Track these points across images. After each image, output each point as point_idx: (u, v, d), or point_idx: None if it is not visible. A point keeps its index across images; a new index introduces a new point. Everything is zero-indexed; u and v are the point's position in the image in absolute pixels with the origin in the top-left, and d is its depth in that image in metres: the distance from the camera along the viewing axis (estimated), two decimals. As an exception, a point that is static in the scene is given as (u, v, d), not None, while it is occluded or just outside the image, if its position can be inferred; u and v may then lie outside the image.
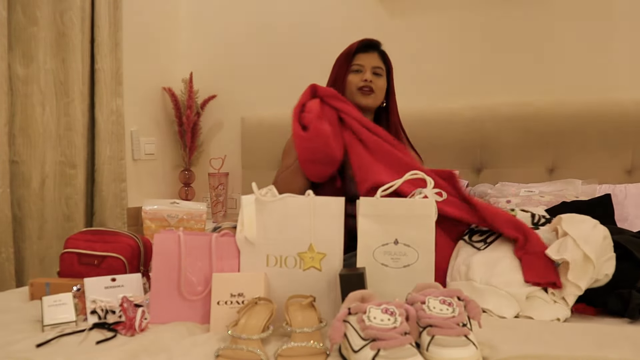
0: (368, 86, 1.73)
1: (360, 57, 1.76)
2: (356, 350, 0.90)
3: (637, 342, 0.97)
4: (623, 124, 2.19)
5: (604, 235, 1.25)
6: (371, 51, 1.78)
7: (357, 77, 1.74)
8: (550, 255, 1.23)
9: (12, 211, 2.12)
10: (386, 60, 1.80)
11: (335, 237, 1.22)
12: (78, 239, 1.54)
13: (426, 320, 0.94)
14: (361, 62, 1.75)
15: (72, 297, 1.21)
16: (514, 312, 1.20)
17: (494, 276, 1.25)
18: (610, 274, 1.23)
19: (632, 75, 2.30)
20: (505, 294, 1.21)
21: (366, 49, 1.77)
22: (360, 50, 1.77)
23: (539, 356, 0.92)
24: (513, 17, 2.47)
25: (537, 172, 2.32)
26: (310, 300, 1.13)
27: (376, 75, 1.76)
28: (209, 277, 1.21)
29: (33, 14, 2.18)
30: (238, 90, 3.01)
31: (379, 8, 2.69)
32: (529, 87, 2.44)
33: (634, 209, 2.00)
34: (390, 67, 1.80)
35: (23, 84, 2.18)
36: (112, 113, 2.52)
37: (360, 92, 1.73)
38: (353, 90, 1.74)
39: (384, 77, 1.78)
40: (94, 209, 2.47)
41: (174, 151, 3.10)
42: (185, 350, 1.02)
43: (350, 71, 1.75)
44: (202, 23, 3.09)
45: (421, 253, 1.20)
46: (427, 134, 2.44)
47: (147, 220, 1.89)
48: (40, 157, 2.23)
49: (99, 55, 2.45)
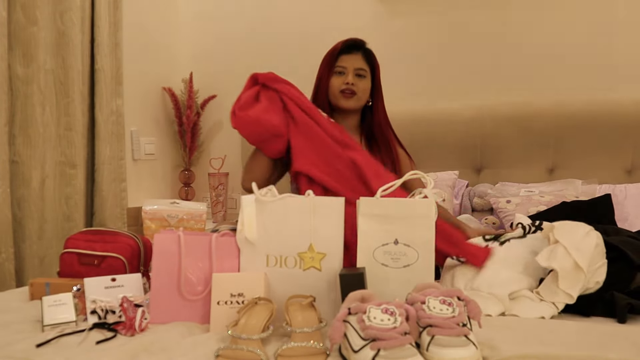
0: (349, 89, 1.72)
1: (344, 59, 1.75)
2: (356, 350, 0.90)
3: (637, 342, 0.97)
4: (623, 124, 2.19)
5: (596, 242, 1.24)
6: (355, 52, 1.75)
7: (339, 79, 1.73)
8: (539, 262, 1.23)
9: (12, 211, 2.12)
10: (371, 60, 1.78)
11: (335, 237, 1.22)
12: (78, 239, 1.54)
13: (426, 320, 0.94)
14: (344, 64, 1.74)
15: (72, 297, 1.21)
16: (499, 311, 1.20)
17: (477, 281, 1.26)
18: (601, 281, 1.22)
19: (632, 75, 2.30)
20: (488, 295, 1.22)
21: (349, 50, 1.75)
22: (344, 51, 1.75)
23: (539, 356, 0.92)
24: (513, 18, 2.47)
25: (537, 172, 2.32)
26: (310, 300, 1.13)
27: (359, 77, 1.74)
28: (209, 277, 1.21)
29: (33, 14, 2.18)
30: (238, 90, 2.96)
31: (379, 8, 2.69)
32: (529, 87, 2.44)
33: (634, 209, 2.00)
34: (375, 66, 1.79)
35: (23, 84, 2.18)
36: (112, 113, 2.52)
37: (342, 94, 1.73)
38: (335, 92, 1.74)
39: (367, 79, 1.76)
40: (94, 209, 2.47)
41: (174, 151, 3.10)
42: (185, 350, 1.01)
43: (334, 73, 1.75)
44: (202, 23, 3.09)
45: (421, 253, 1.20)
46: (427, 134, 2.45)
47: (147, 220, 1.89)
48: (40, 157, 2.23)
49: (99, 55, 2.45)
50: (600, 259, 1.24)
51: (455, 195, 2.32)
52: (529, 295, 1.22)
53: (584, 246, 1.22)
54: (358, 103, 1.76)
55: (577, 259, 1.18)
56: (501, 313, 1.20)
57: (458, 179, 2.35)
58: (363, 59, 1.76)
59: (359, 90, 1.73)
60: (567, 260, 1.19)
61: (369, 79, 1.77)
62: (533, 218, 1.57)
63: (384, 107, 1.81)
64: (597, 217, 1.62)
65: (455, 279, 1.30)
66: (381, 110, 1.81)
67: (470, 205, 2.31)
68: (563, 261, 1.19)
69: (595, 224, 1.35)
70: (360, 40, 1.79)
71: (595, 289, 1.22)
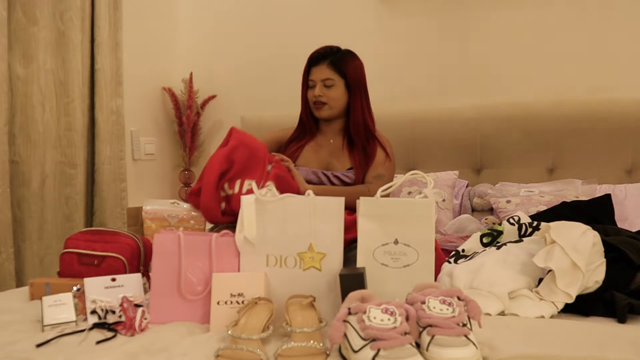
0: (318, 101, 1.81)
1: (312, 72, 1.83)
2: (356, 350, 0.90)
3: (637, 342, 0.97)
4: (623, 124, 2.19)
5: (594, 242, 1.24)
6: (321, 63, 1.82)
7: (310, 92, 1.84)
8: (536, 262, 1.23)
9: (12, 211, 2.12)
10: (339, 66, 1.81)
11: (335, 237, 1.22)
12: (78, 239, 1.54)
13: (426, 320, 0.94)
14: (312, 77, 1.83)
15: (72, 297, 1.21)
16: (498, 310, 1.20)
17: (477, 280, 1.26)
18: (600, 281, 1.22)
19: (632, 75, 2.30)
20: (487, 294, 1.22)
21: (316, 62, 1.83)
22: (312, 63, 1.84)
23: (539, 356, 0.92)
24: (513, 17, 2.47)
25: (537, 172, 2.32)
26: (310, 300, 1.13)
27: (327, 87, 1.80)
28: (209, 277, 1.21)
29: (33, 14, 2.18)
30: (238, 90, 3.01)
31: (379, 8, 2.69)
32: (529, 87, 2.44)
33: (634, 209, 2.00)
34: (346, 71, 1.81)
35: (23, 84, 2.18)
36: (112, 113, 2.52)
37: (314, 107, 1.83)
38: (311, 105, 1.85)
39: (336, 86, 1.81)
40: (94, 209, 2.47)
41: (174, 151, 3.10)
42: (185, 350, 1.02)
43: (308, 87, 1.85)
44: (202, 23, 3.09)
45: (421, 253, 1.20)
46: (427, 134, 2.45)
47: (147, 220, 1.88)
48: (40, 157, 2.23)
49: (99, 55, 2.45)
50: (598, 258, 1.24)
51: (455, 195, 2.32)
52: (528, 294, 1.23)
53: (581, 245, 1.22)
54: (331, 111, 1.83)
55: (574, 259, 1.18)
56: (501, 312, 1.20)
57: (458, 179, 2.35)
58: (329, 68, 1.81)
59: (329, 99, 1.81)
60: (564, 260, 1.19)
61: (339, 85, 1.81)
62: (533, 218, 1.57)
63: (362, 107, 1.84)
64: (597, 217, 1.62)
65: (455, 279, 1.30)
66: (357, 111, 1.83)
67: (470, 205, 2.31)
68: (560, 261, 1.19)
69: (595, 224, 1.36)
70: (325, 50, 1.84)
71: (595, 289, 1.22)
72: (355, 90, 1.82)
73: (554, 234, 1.24)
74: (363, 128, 1.83)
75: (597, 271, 1.22)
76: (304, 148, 1.87)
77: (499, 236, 1.47)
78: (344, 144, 1.85)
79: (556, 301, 1.20)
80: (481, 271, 1.28)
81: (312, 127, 1.89)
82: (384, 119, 2.52)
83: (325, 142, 1.88)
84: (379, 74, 2.70)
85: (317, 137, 1.90)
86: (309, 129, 1.89)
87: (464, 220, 2.06)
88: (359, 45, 1.95)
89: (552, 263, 1.19)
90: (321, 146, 1.88)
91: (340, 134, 1.88)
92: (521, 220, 1.48)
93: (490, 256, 1.33)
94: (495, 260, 1.30)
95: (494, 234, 1.48)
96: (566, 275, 1.19)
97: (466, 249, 1.46)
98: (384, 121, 2.51)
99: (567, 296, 1.19)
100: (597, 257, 1.24)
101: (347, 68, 1.81)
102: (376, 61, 2.71)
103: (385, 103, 2.63)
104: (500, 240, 1.46)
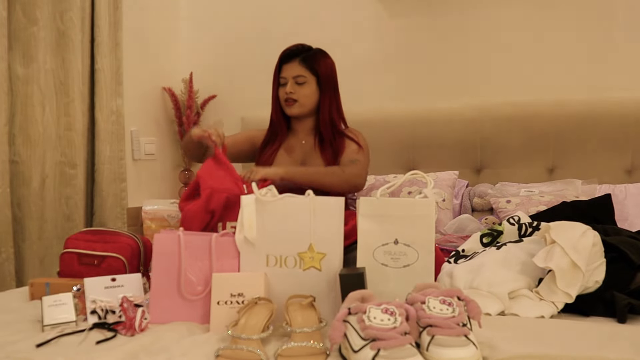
0: (289, 98, 1.81)
1: (284, 69, 1.83)
2: (356, 350, 0.90)
3: (637, 342, 0.97)
4: (623, 124, 2.19)
5: (594, 242, 1.24)
6: (292, 60, 1.82)
7: (282, 90, 1.84)
8: (536, 262, 1.23)
9: (12, 211, 2.12)
10: (311, 64, 1.82)
11: (335, 237, 1.22)
12: (78, 239, 1.54)
13: (426, 320, 0.94)
14: (284, 74, 1.83)
15: (72, 297, 1.21)
16: (498, 309, 1.20)
17: (477, 280, 1.26)
18: (600, 280, 1.22)
19: (632, 75, 2.30)
20: (487, 294, 1.22)
21: (288, 59, 1.83)
22: (283, 60, 1.84)
23: (539, 356, 0.92)
24: (513, 17, 2.47)
25: (537, 172, 2.32)
26: (310, 300, 1.13)
27: (298, 84, 1.81)
28: (209, 277, 1.21)
29: (33, 14, 2.18)
30: (238, 90, 3.01)
31: (379, 8, 2.69)
32: (529, 87, 2.44)
33: (634, 209, 2.00)
34: (317, 69, 1.81)
35: (23, 84, 2.18)
36: (112, 113, 2.52)
37: (286, 104, 1.83)
38: (282, 102, 1.85)
39: (308, 83, 1.81)
40: (94, 209, 2.47)
41: (174, 151, 3.10)
42: (185, 350, 1.02)
43: (279, 85, 1.86)
44: (202, 23, 3.09)
45: (421, 253, 1.20)
46: (427, 134, 2.45)
47: (147, 220, 1.89)
48: (40, 157, 2.23)
49: (99, 55, 2.45)
50: (598, 258, 1.24)
51: (455, 195, 2.32)
52: (528, 294, 1.23)
53: (581, 245, 1.22)
54: (302, 109, 1.83)
55: (574, 259, 1.18)
56: (501, 312, 1.20)
57: (458, 179, 2.35)
58: (301, 66, 1.82)
59: (300, 96, 1.81)
60: (564, 260, 1.19)
61: (311, 83, 1.82)
62: (533, 218, 1.57)
63: (330, 104, 1.85)
64: (597, 217, 1.62)
65: (455, 279, 1.30)
66: (326, 109, 1.84)
67: (470, 205, 2.31)
68: (560, 261, 1.19)
69: (595, 224, 1.36)
70: (297, 47, 1.85)
71: (595, 288, 1.22)
72: (325, 88, 1.83)
73: (554, 234, 1.24)
74: (330, 125, 1.84)
75: (597, 271, 1.22)
76: (277, 152, 1.87)
77: (499, 236, 1.47)
78: (316, 143, 1.85)
79: (556, 301, 1.20)
80: (481, 271, 1.28)
81: (282, 128, 1.89)
82: (384, 119, 2.53)
83: (297, 143, 1.88)
84: (379, 74, 2.70)
85: (289, 139, 1.89)
86: (279, 129, 1.89)
87: (464, 220, 2.06)
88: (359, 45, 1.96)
89: (552, 263, 1.19)
90: (294, 148, 1.88)
91: (312, 133, 1.88)
92: (521, 220, 1.48)
93: (490, 256, 1.33)
94: (495, 260, 1.31)
95: (494, 234, 1.48)
96: (566, 275, 1.19)
97: (466, 249, 1.46)
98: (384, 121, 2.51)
99: (567, 296, 1.19)
100: (597, 257, 1.24)
101: (319, 66, 1.82)
102: (375, 61, 2.71)
103: (385, 103, 2.63)
104: (500, 240, 1.46)
